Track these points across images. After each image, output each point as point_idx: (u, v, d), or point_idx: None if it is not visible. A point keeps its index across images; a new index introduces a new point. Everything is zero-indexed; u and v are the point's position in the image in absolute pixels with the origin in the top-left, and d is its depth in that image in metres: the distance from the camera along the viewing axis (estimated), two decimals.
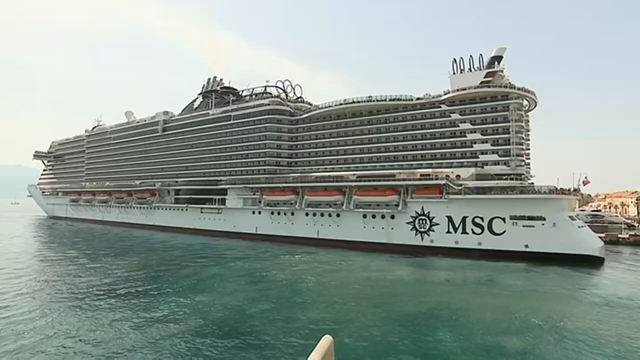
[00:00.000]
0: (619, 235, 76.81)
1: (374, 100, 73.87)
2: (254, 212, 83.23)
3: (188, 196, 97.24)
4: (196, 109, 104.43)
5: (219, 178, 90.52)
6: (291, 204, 77.08)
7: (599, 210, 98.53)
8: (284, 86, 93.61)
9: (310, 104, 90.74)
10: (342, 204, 70.74)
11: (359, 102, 75.39)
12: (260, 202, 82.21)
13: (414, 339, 25.52)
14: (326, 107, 79.79)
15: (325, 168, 78.18)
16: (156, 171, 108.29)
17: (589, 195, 78.56)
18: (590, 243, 55.67)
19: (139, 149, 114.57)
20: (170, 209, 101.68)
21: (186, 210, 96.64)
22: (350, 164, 75.46)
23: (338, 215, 71.05)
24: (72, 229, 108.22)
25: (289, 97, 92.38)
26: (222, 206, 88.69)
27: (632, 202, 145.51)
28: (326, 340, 6.44)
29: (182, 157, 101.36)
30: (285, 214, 77.74)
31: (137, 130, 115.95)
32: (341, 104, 77.34)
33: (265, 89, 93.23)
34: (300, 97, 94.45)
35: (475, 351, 23.53)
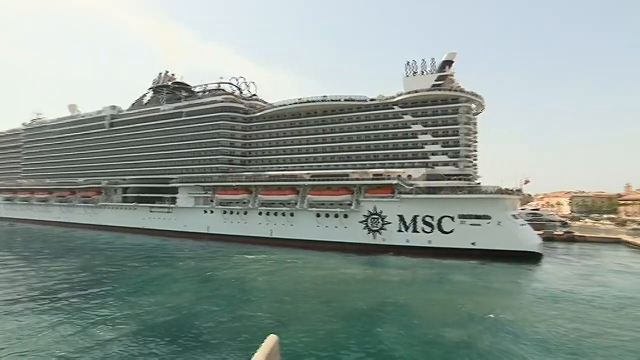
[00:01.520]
0: (555, 233, 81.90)
1: (328, 101, 74.33)
2: (206, 212, 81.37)
3: (137, 195, 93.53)
4: (146, 104, 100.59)
5: (169, 176, 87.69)
6: (244, 203, 76.03)
7: (538, 210, 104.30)
8: (238, 83, 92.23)
9: (265, 102, 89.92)
10: (296, 204, 70.58)
11: (313, 101, 75.57)
12: (212, 201, 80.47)
13: (360, 334, 25.84)
14: (281, 106, 79.37)
15: (280, 167, 77.74)
16: (103, 168, 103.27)
17: (530, 195, 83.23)
18: (531, 240, 58.80)
19: (84, 145, 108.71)
20: (117, 208, 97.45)
21: (135, 209, 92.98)
22: (305, 164, 75.46)
23: (292, 215, 70.82)
24: (6, 230, 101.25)
25: (243, 95, 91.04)
26: (173, 205, 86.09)
27: (566, 201, 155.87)
28: (271, 340, 6.28)
29: (131, 154, 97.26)
30: (238, 213, 76.56)
31: (82, 125, 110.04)
32: (296, 103, 77.21)
33: (219, 86, 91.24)
34: (255, 95, 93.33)
35: (417, 344, 24.17)
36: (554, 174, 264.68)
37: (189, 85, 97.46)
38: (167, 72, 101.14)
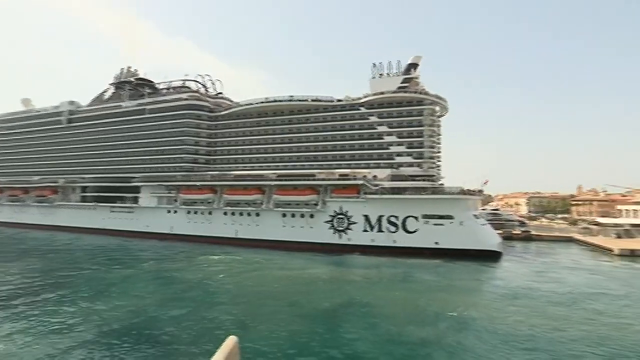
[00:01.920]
0: (513, 232, 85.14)
1: (295, 100, 74.24)
2: (169, 212, 79.58)
3: (96, 194, 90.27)
4: (107, 100, 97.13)
5: (131, 175, 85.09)
6: (209, 202, 74.85)
7: (498, 209, 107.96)
8: (203, 81, 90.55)
9: (231, 101, 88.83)
10: (262, 203, 70.13)
11: (280, 101, 75.26)
12: (176, 200, 78.82)
13: (324, 334, 25.98)
14: (247, 105, 78.61)
15: (245, 167, 76.93)
16: (59, 166, 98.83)
17: (490, 195, 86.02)
18: (491, 239, 60.81)
19: (39, 141, 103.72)
20: (75, 208, 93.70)
21: (94, 209, 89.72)
22: (271, 163, 75.01)
23: (257, 215, 70.30)
24: None
25: (208, 93, 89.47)
26: (135, 205, 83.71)
27: (524, 202, 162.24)
28: (231, 341, 6.22)
29: (91, 152, 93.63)
30: (202, 213, 75.29)
31: (36, 121, 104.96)
32: (262, 103, 76.64)
33: (183, 83, 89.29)
34: (221, 93, 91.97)
35: (380, 342, 24.55)
36: (513, 175, 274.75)
37: (152, 82, 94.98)
38: (129, 68, 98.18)
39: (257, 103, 77.27)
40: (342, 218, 64.00)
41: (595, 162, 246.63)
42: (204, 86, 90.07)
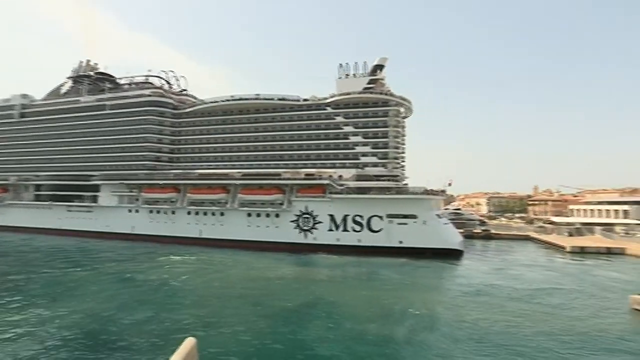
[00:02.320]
0: (474, 231, 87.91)
1: (261, 99, 73.73)
2: (130, 211, 77.30)
3: (52, 193, 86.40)
4: (64, 94, 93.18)
5: (90, 173, 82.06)
6: (172, 202, 73.24)
7: (459, 209, 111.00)
8: (167, 77, 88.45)
9: (196, 98, 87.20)
10: (227, 203, 69.29)
11: (246, 99, 74.59)
12: (137, 200, 76.60)
13: (287, 333, 25.92)
14: (212, 102, 77.48)
15: (210, 165, 75.66)
16: (10, 163, 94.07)
17: (452, 195, 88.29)
18: (454, 238, 62.52)
19: None
20: (28, 207, 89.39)
21: (50, 208, 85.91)
22: (236, 162, 74.13)
23: (222, 214, 69.41)
24: None
25: (172, 89, 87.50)
26: (94, 204, 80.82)
27: (484, 201, 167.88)
28: (189, 343, 6.15)
29: (46, 148, 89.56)
30: (165, 212, 73.58)
31: None
32: (228, 100, 75.72)
33: (146, 79, 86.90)
34: (185, 90, 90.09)
35: (342, 340, 24.71)
36: (475, 176, 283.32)
37: (113, 77, 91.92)
38: (88, 61, 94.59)
39: (222, 101, 76.28)
40: (307, 217, 64.12)
41: (551, 164, 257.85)
42: (168, 82, 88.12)
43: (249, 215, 67.37)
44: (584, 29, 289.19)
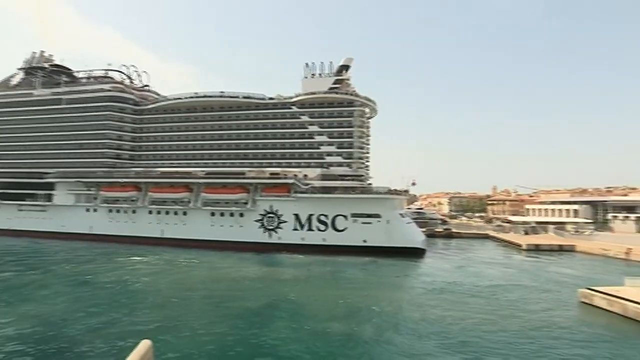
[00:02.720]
0: (436, 230, 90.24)
1: (226, 96, 72.80)
2: (88, 210, 74.57)
3: (1, 191, 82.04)
4: (15, 86, 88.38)
5: (44, 170, 78.42)
6: (133, 201, 71.21)
7: (422, 209, 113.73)
8: (128, 72, 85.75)
9: (158, 94, 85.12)
10: (190, 202, 68.06)
11: (210, 96, 73.46)
12: (96, 198, 73.96)
13: (249, 333, 25.71)
14: (176, 99, 75.82)
15: (172, 163, 74.06)
16: None
17: (415, 195, 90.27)
18: (416, 237, 63.88)
19: None
20: None
21: None
22: (199, 160, 72.86)
23: (185, 214, 68.11)
24: None
25: (134, 84, 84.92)
26: (48, 203, 77.41)
27: (446, 201, 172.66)
28: (144, 346, 6.03)
29: None
30: (125, 212, 71.43)
31: None
32: (192, 97, 74.32)
33: (106, 73, 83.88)
34: (147, 86, 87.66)
35: (305, 339, 24.76)
36: (437, 176, 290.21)
37: (70, 69, 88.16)
38: (42, 52, 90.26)
39: (186, 98, 74.79)
40: (272, 217, 63.91)
41: (509, 165, 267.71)
42: (129, 77, 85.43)
43: (213, 214, 66.45)
44: (539, 32, 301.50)
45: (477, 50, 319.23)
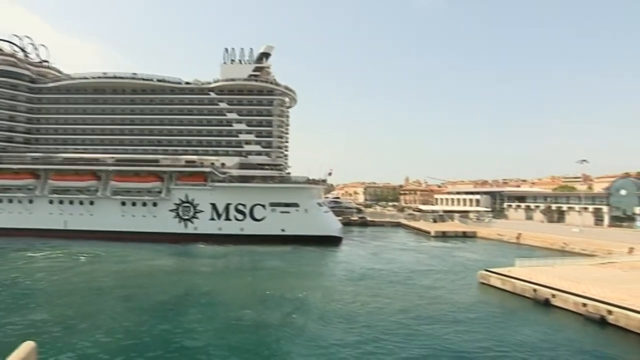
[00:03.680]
0: (352, 218, 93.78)
1: (139, 79, 68.58)
2: None
3: None
4: None
5: None
6: (29, 189, 64.73)
7: (339, 198, 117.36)
8: (22, 44, 76.40)
9: (60, 72, 77.54)
10: (97, 191, 63.54)
11: (121, 77, 68.70)
12: None
13: (158, 328, 24.83)
14: (81, 79, 69.78)
15: (77, 149, 68.20)
16: None
17: (332, 184, 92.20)
18: (334, 225, 65.74)
19: None
20: None
21: None
22: (108, 146, 67.97)
23: (92, 203, 63.50)
24: None
25: (30, 59, 76.18)
26: None
27: (361, 191, 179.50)
28: (26, 348, 5.62)
29: None
30: (20, 201, 64.74)
31: None
32: (100, 77, 68.96)
33: None
34: (47, 62, 79.15)
35: (217, 330, 24.56)
36: (353, 166, 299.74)
37: None
38: None
39: (93, 78, 69.16)
40: (188, 206, 61.95)
41: (421, 157, 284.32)
42: (23, 50, 76.33)
43: (124, 204, 62.74)
44: (462, 29, 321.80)
45: (390, 46, 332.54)
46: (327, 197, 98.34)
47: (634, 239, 53.90)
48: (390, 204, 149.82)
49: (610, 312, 24.44)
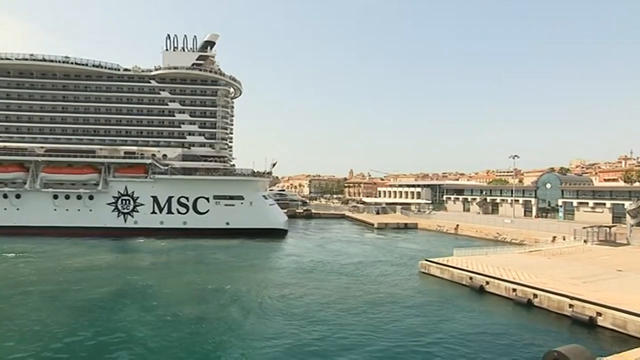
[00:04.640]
0: (297, 210, 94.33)
1: (71, 63, 64.05)
2: None
3: None
4: None
5: None
6: None
7: (284, 190, 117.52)
8: None
9: None
10: (25, 183, 59.11)
11: (52, 60, 63.88)
12: None
13: (94, 325, 23.94)
14: (4, 60, 63.89)
15: (1, 137, 62.85)
16: None
17: (277, 177, 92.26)
18: (279, 218, 65.81)
19: None
20: None
21: None
22: (37, 135, 62.89)
23: (18, 197, 59.12)
24: None
25: None
26: None
27: (306, 183, 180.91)
28: None
29: None
30: None
31: None
32: (26, 59, 63.57)
33: None
34: None
35: (154, 325, 24.02)
36: (298, 159, 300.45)
37: None
38: None
39: (17, 59, 63.54)
40: (127, 200, 59.42)
41: (365, 151, 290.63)
42: None
43: (56, 197, 59.00)
44: (398, 30, 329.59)
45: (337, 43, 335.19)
46: (272, 190, 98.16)
47: (557, 228, 58.67)
48: (334, 196, 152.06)
49: (535, 295, 26.90)
